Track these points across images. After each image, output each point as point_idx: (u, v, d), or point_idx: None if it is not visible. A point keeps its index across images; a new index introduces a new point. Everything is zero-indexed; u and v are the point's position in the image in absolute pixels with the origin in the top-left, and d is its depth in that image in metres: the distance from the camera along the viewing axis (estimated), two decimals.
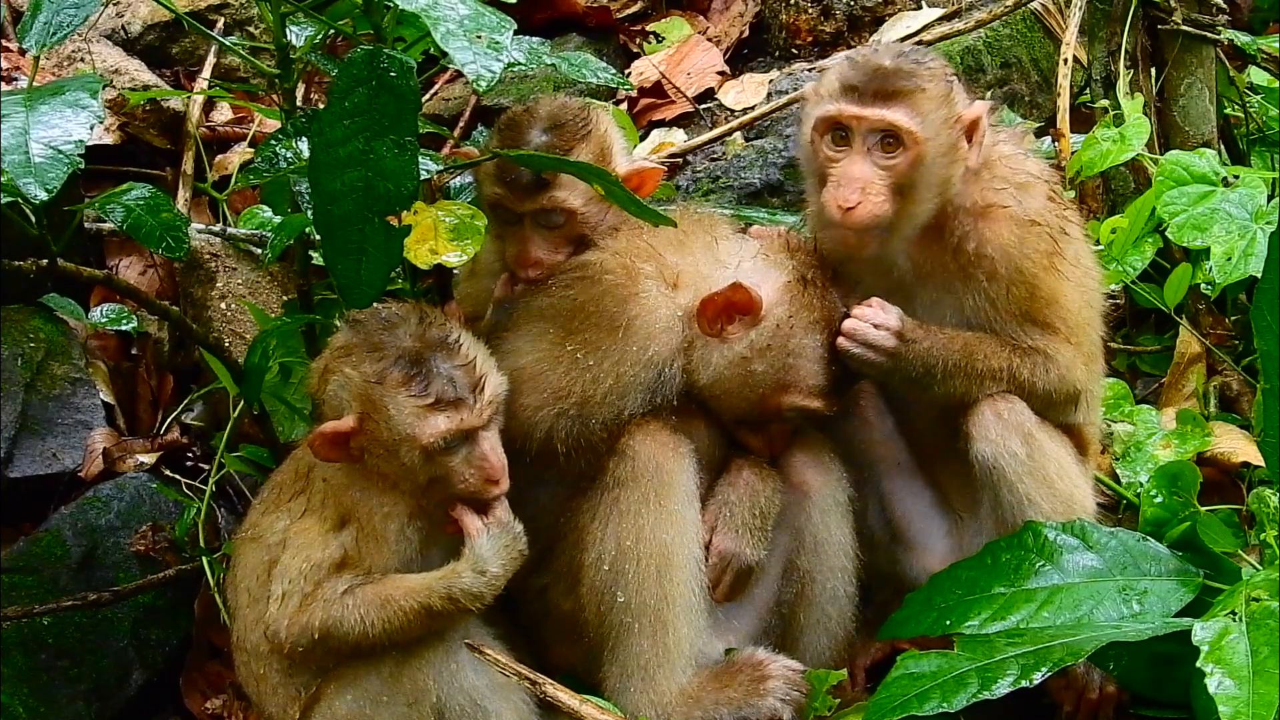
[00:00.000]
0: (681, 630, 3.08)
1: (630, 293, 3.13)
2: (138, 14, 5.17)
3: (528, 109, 3.33)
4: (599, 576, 3.11)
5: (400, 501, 3.05)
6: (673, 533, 3.08)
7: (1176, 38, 4.29)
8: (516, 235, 3.28)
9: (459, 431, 2.96)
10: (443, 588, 2.99)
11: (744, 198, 4.53)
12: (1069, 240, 3.22)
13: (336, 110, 2.83)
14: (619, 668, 3.11)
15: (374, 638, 2.99)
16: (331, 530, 3.06)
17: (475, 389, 2.98)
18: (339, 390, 3.02)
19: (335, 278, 3.00)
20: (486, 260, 3.44)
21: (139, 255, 4.59)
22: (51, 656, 3.60)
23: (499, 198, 3.28)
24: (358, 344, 3.02)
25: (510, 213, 3.28)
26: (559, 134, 3.24)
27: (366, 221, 2.87)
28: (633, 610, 3.08)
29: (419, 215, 3.14)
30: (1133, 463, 3.76)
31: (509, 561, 3.02)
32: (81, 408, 4.10)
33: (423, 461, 2.97)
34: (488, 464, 3.00)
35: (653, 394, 3.13)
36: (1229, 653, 2.63)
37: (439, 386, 2.95)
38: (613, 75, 3.66)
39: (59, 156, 2.80)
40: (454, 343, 3.01)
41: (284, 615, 3.02)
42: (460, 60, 2.68)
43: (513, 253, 3.29)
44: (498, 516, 3.03)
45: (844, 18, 5.09)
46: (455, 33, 2.70)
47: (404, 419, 2.95)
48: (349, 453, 3.02)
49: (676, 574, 3.07)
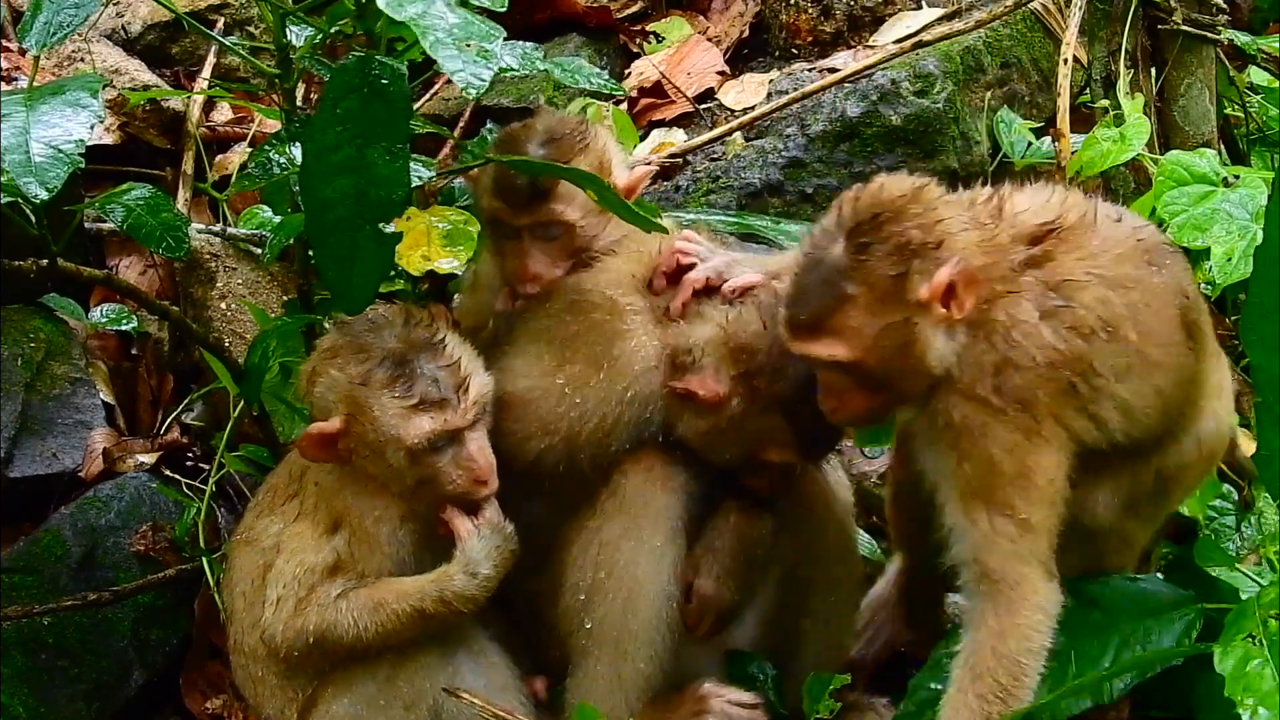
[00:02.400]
0: (639, 664, 3.09)
1: (616, 329, 3.11)
2: (138, 14, 5.17)
3: (525, 124, 3.32)
4: (573, 600, 3.12)
5: (392, 504, 3.05)
6: (647, 568, 3.07)
7: (1176, 38, 4.29)
8: (515, 249, 3.26)
9: (443, 432, 2.96)
10: (435, 590, 2.99)
11: (744, 198, 4.53)
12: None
13: (328, 116, 2.82)
14: (575, 684, 3.14)
15: (368, 641, 2.99)
16: (325, 534, 3.06)
17: (459, 389, 2.97)
18: (325, 392, 3.03)
19: (327, 284, 2.99)
20: (487, 274, 3.44)
21: (139, 255, 4.59)
22: (51, 656, 3.60)
23: (496, 211, 3.26)
24: (343, 346, 3.03)
25: (508, 226, 3.26)
26: (556, 148, 3.22)
27: (358, 229, 2.85)
28: (594, 638, 3.09)
29: (412, 221, 3.13)
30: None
31: (501, 562, 3.02)
32: (81, 408, 4.10)
33: (409, 463, 2.97)
34: (475, 465, 3.00)
35: (640, 430, 3.11)
36: (1256, 680, 2.61)
37: (423, 387, 2.95)
38: (605, 81, 3.64)
39: (59, 156, 2.79)
40: (439, 343, 3.01)
41: (279, 620, 3.02)
42: (449, 69, 2.67)
43: (511, 267, 3.27)
44: (488, 517, 3.03)
45: (844, 18, 5.08)
46: (444, 41, 2.69)
47: (388, 420, 2.95)
48: (338, 454, 3.02)
49: (643, 609, 3.07)
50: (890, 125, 4.58)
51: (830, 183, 4.57)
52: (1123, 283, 2.80)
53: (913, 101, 4.60)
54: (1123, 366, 2.78)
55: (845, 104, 4.62)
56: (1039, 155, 4.69)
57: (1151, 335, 2.82)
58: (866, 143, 4.59)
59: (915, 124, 4.58)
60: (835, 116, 4.61)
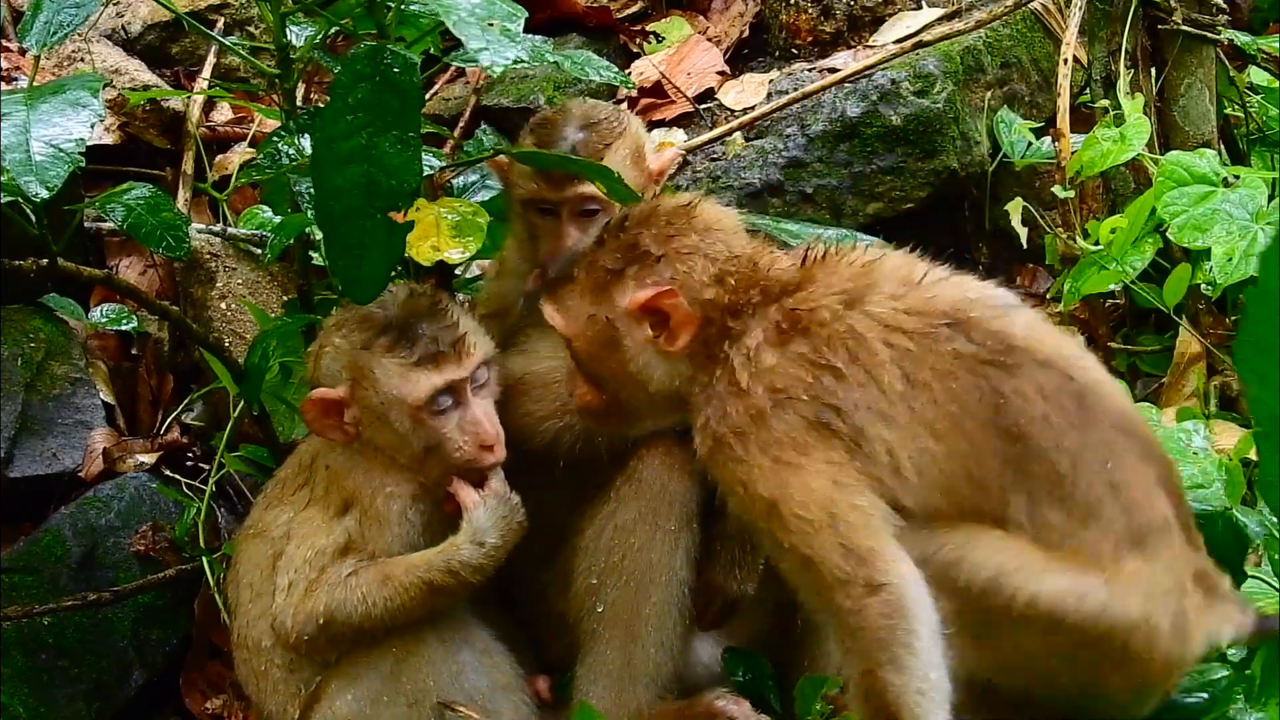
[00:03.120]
0: (649, 649, 3.08)
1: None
2: (138, 14, 5.16)
3: (562, 108, 3.36)
4: (585, 584, 3.12)
5: (402, 481, 3.07)
6: (660, 553, 3.07)
7: (1176, 38, 4.29)
8: (552, 229, 3.28)
9: (444, 385, 3.00)
10: (442, 561, 3.00)
11: (744, 198, 4.53)
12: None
13: (339, 106, 2.84)
14: (586, 670, 3.13)
15: (376, 618, 3.00)
16: (335, 516, 3.09)
17: (457, 344, 3.02)
18: (330, 363, 3.09)
19: (336, 274, 3.00)
20: (513, 261, 3.46)
21: (139, 255, 4.59)
22: (51, 656, 3.60)
23: (535, 191, 3.28)
24: (348, 318, 3.10)
25: (547, 203, 3.28)
26: (594, 131, 3.26)
27: (368, 217, 2.87)
28: (607, 621, 3.08)
29: (421, 212, 3.15)
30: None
31: (507, 532, 3.03)
32: (81, 408, 4.10)
33: (414, 425, 3.01)
34: (481, 428, 3.02)
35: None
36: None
37: (423, 346, 3.00)
38: (615, 74, 3.67)
39: (60, 155, 2.80)
40: (439, 308, 3.07)
41: (289, 605, 3.03)
42: (474, 47, 2.69)
43: (548, 246, 3.29)
44: (494, 488, 3.05)
45: (844, 18, 5.08)
46: (468, 20, 2.71)
47: (391, 381, 3.00)
48: (344, 429, 3.05)
49: (655, 593, 3.07)
50: (890, 125, 4.58)
51: (830, 183, 4.57)
52: (896, 327, 2.61)
53: (913, 101, 4.60)
54: (883, 410, 2.57)
55: (845, 104, 4.62)
56: (1039, 155, 4.69)
57: (930, 395, 2.57)
58: (866, 143, 4.60)
59: (915, 124, 4.58)
60: (835, 116, 4.61)
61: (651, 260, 2.74)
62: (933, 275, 2.71)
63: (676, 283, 2.72)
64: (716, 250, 2.76)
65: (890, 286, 2.67)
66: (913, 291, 2.66)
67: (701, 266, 2.74)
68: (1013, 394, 2.57)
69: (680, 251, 2.75)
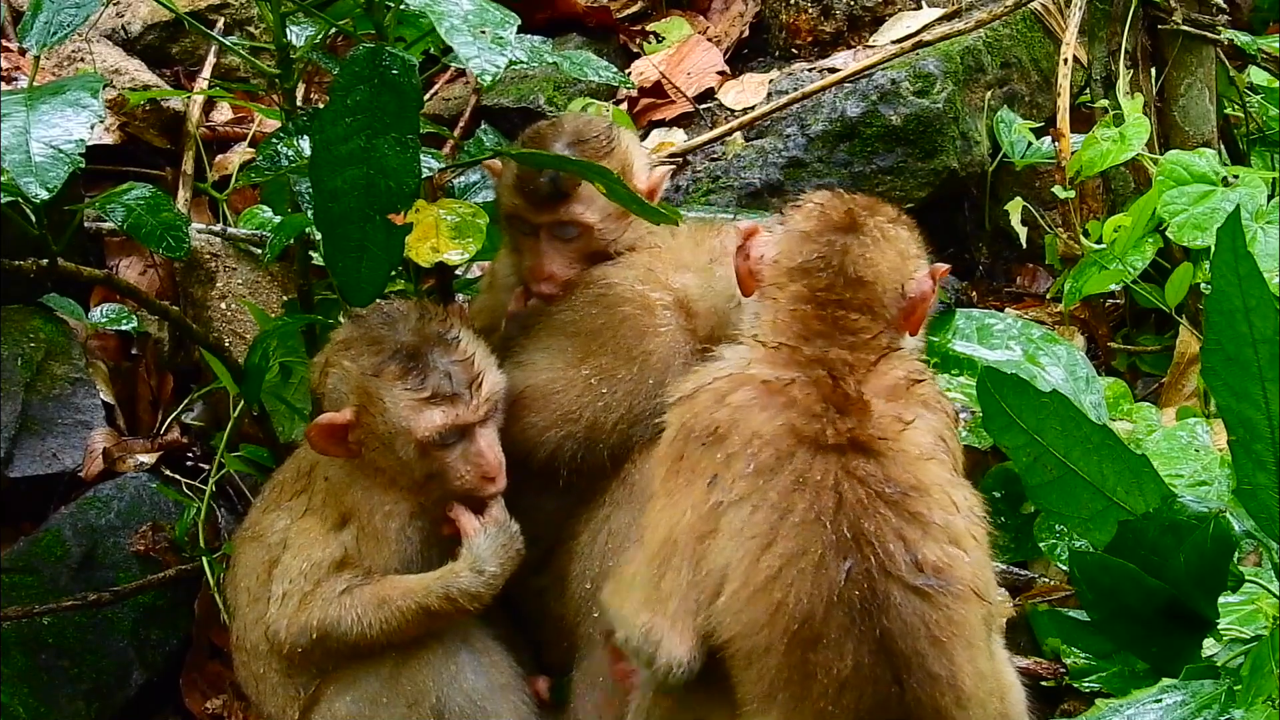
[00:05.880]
0: None
1: (648, 325, 3.12)
2: (138, 14, 5.16)
3: (553, 123, 3.35)
4: (581, 590, 3.11)
5: (401, 500, 3.05)
6: None
7: (1176, 38, 4.29)
8: (532, 248, 3.28)
9: (454, 426, 2.97)
10: (440, 588, 2.98)
11: (744, 198, 4.53)
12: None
13: (338, 107, 2.83)
14: (582, 675, 3.13)
15: (372, 638, 2.99)
16: (332, 530, 3.06)
17: (472, 384, 2.98)
18: (338, 384, 3.04)
19: (335, 276, 2.99)
20: (503, 274, 3.46)
21: (139, 255, 4.58)
22: (51, 656, 3.60)
23: (516, 208, 3.28)
24: (357, 338, 3.04)
25: (526, 224, 3.28)
26: (583, 149, 3.24)
27: (367, 219, 2.86)
28: (602, 626, 3.06)
29: (420, 213, 3.14)
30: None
31: (506, 561, 3.02)
32: (81, 408, 4.09)
33: (419, 456, 2.98)
34: (484, 461, 3.00)
35: (662, 423, 3.12)
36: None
37: (435, 381, 2.96)
38: (614, 74, 3.67)
39: (60, 155, 2.79)
40: (453, 338, 3.01)
41: (283, 615, 3.02)
42: (465, 54, 2.69)
43: (527, 265, 3.29)
44: (494, 516, 3.04)
45: (844, 18, 5.08)
46: (459, 27, 2.70)
47: (400, 412, 2.96)
48: (348, 447, 3.02)
49: None
50: (890, 125, 4.58)
51: (830, 183, 4.56)
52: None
53: (913, 101, 4.60)
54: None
55: (845, 104, 4.62)
56: (1039, 155, 4.69)
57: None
58: (866, 143, 4.59)
59: (915, 124, 4.58)
60: (835, 116, 4.61)
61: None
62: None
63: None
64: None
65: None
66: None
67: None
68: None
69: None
